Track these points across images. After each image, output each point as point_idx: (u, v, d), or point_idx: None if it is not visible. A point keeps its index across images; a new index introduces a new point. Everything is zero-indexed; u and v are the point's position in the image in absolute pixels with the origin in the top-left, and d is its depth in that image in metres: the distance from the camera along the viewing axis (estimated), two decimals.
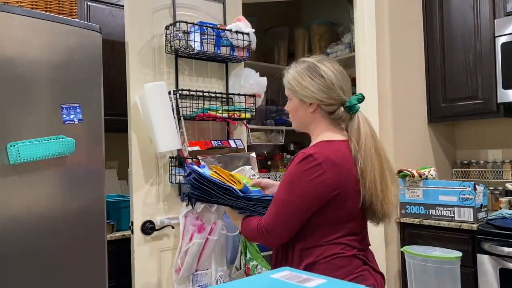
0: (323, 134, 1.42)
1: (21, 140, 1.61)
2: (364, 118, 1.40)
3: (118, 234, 2.20)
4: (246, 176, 2.05)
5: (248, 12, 2.46)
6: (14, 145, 1.59)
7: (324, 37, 3.49)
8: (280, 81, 1.67)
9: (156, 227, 1.96)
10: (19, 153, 1.59)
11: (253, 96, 2.13)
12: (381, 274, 1.46)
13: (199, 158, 1.96)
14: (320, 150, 1.32)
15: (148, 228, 1.94)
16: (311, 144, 1.43)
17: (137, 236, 1.93)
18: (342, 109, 1.40)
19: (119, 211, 2.32)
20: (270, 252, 3.33)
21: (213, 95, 2.08)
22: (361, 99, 1.40)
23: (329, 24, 3.54)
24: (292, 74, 1.49)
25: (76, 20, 1.98)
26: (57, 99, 1.74)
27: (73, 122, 1.78)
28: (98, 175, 1.86)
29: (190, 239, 1.94)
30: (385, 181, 1.35)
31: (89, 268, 1.80)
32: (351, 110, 1.40)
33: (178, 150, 1.99)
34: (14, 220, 1.60)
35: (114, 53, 2.47)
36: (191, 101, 2.01)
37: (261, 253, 2.08)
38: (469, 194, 2.32)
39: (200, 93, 2.03)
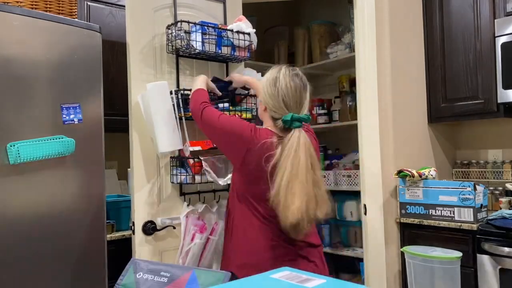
0: (266, 124, 1.69)
1: (21, 140, 1.61)
2: (298, 136, 1.53)
3: (118, 234, 2.20)
4: None
5: (248, 12, 2.46)
6: (14, 145, 1.59)
7: (324, 37, 3.48)
8: None
9: (158, 228, 1.96)
10: (19, 153, 1.59)
11: (254, 96, 2.13)
12: None
13: (202, 158, 1.96)
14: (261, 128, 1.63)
15: (150, 228, 1.94)
16: None
17: (138, 236, 1.92)
18: (280, 121, 1.59)
19: (119, 211, 2.32)
20: None
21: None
22: (300, 118, 1.56)
23: (329, 24, 3.54)
24: (264, 77, 1.69)
25: (76, 20, 1.98)
26: (57, 99, 1.74)
27: (73, 122, 1.78)
28: (98, 175, 1.86)
29: (192, 239, 1.94)
30: (292, 194, 1.47)
31: (89, 268, 1.80)
32: (286, 124, 1.57)
33: (179, 150, 1.99)
34: (14, 220, 1.60)
35: (114, 53, 2.47)
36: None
37: None
38: (469, 194, 2.32)
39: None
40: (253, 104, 2.14)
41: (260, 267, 1.50)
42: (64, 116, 1.75)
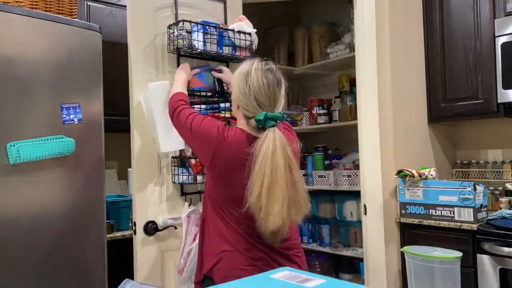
0: (239, 122, 1.60)
1: (21, 140, 1.61)
2: (273, 137, 1.43)
3: (118, 234, 2.20)
4: None
5: (248, 11, 2.45)
6: (14, 145, 1.59)
7: (324, 37, 3.48)
8: None
9: (159, 228, 1.96)
10: (19, 153, 1.59)
11: None
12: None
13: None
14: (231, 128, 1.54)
15: (151, 228, 1.93)
16: None
17: (140, 236, 1.92)
18: (253, 120, 1.50)
19: (119, 211, 2.32)
20: None
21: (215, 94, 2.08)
22: (275, 117, 1.47)
23: (329, 24, 3.53)
24: (236, 71, 1.61)
25: (76, 20, 1.98)
26: (57, 99, 1.74)
27: (73, 122, 1.78)
28: (98, 175, 1.86)
29: (194, 239, 1.94)
30: (271, 199, 1.40)
31: (89, 268, 1.80)
32: (259, 123, 1.48)
33: (181, 150, 1.99)
34: (14, 220, 1.60)
35: (114, 53, 2.47)
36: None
37: None
38: (469, 194, 2.32)
39: (204, 93, 2.02)
40: None
41: (237, 271, 1.45)
42: (64, 116, 1.75)
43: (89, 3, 2.41)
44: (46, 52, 1.72)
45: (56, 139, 1.70)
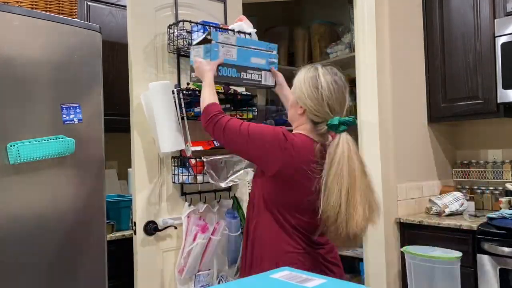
0: (300, 127, 1.58)
1: (21, 140, 1.61)
2: (346, 140, 1.44)
3: (118, 234, 2.20)
4: (247, 179, 2.05)
5: (248, 11, 2.45)
6: (14, 145, 1.59)
7: (324, 37, 3.49)
8: None
9: (159, 228, 1.96)
10: (19, 153, 1.59)
11: (255, 96, 2.13)
12: None
13: (204, 159, 1.95)
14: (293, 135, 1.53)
15: (151, 228, 1.93)
16: None
17: (140, 236, 1.92)
18: (325, 126, 1.50)
19: (119, 211, 2.32)
20: None
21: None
22: (347, 122, 1.46)
23: (329, 24, 3.54)
24: (299, 77, 1.58)
25: (76, 20, 1.98)
26: (57, 99, 1.74)
27: (73, 122, 1.78)
28: (98, 175, 1.85)
29: (194, 239, 1.94)
30: (353, 202, 1.39)
31: (89, 268, 1.80)
32: (332, 128, 1.47)
33: (181, 150, 1.99)
34: (14, 220, 1.60)
35: (114, 53, 2.47)
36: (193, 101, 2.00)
37: None
38: (275, 58, 2.01)
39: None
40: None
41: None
42: (64, 116, 1.75)
43: (89, 3, 2.41)
44: (46, 52, 1.72)
45: (56, 139, 1.70)
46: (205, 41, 1.78)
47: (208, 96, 1.66)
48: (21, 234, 1.62)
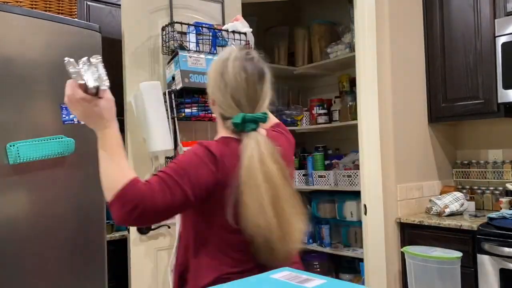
0: (221, 130, 1.27)
1: (20, 140, 1.61)
2: (256, 142, 1.15)
3: (117, 234, 2.20)
4: None
5: (248, 12, 2.46)
6: (13, 145, 1.59)
7: (324, 37, 3.48)
8: (280, 81, 1.71)
9: (152, 227, 1.97)
10: (18, 153, 1.59)
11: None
12: None
13: None
14: (216, 145, 1.18)
15: (144, 227, 1.94)
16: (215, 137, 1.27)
17: (133, 235, 1.93)
18: (230, 122, 1.20)
19: None
20: None
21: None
22: (256, 119, 1.19)
23: (329, 24, 3.53)
24: (214, 59, 1.29)
25: (76, 19, 1.98)
26: (57, 99, 1.74)
27: (72, 122, 1.78)
28: (98, 175, 1.85)
29: None
30: (284, 214, 1.13)
31: (89, 268, 1.80)
32: (238, 127, 1.18)
33: (175, 151, 1.99)
34: (14, 220, 1.60)
35: (113, 53, 2.47)
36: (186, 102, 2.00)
37: None
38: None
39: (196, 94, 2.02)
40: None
41: None
42: (64, 116, 1.75)
43: (89, 2, 2.41)
44: (46, 52, 1.72)
45: (56, 139, 1.70)
46: (174, 56, 1.95)
47: (117, 167, 1.10)
48: (21, 234, 1.62)
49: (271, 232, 1.11)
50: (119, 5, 2.50)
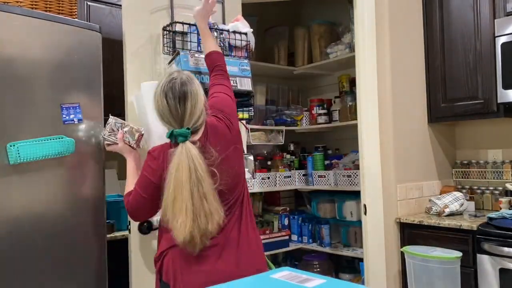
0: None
1: (21, 140, 1.61)
2: (180, 152, 1.49)
3: (118, 234, 2.20)
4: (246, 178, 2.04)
5: (248, 12, 2.46)
6: (13, 145, 1.59)
7: (324, 37, 3.48)
8: (280, 81, 1.76)
9: (153, 227, 1.96)
10: (18, 153, 1.59)
11: (252, 96, 2.13)
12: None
13: None
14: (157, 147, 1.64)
15: (146, 228, 1.94)
16: None
17: (134, 236, 1.92)
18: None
19: (119, 211, 2.32)
20: (272, 252, 3.32)
21: None
22: (181, 134, 1.51)
23: (329, 24, 3.54)
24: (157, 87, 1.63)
25: (76, 20, 1.98)
26: (57, 99, 1.74)
27: (73, 122, 1.78)
28: (98, 175, 1.86)
29: None
30: (174, 212, 1.47)
31: (89, 268, 1.80)
32: (171, 139, 1.55)
33: None
34: (14, 220, 1.60)
35: (114, 53, 2.47)
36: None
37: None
38: (246, 66, 2.10)
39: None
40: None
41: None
42: (64, 116, 1.75)
43: (89, 3, 2.41)
44: (46, 52, 1.72)
45: (56, 139, 1.70)
46: (175, 56, 1.92)
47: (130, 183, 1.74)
48: (21, 234, 1.62)
49: (168, 221, 1.48)
50: (119, 5, 2.50)
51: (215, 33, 2.04)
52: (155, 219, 1.97)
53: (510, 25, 2.42)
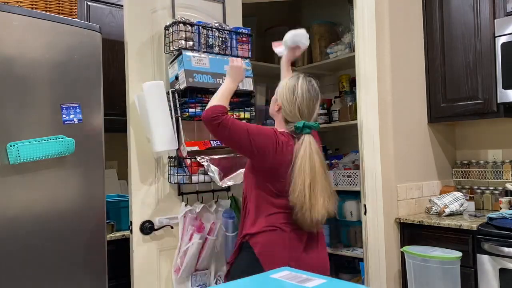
0: (280, 124, 1.85)
1: (21, 140, 1.61)
2: (309, 142, 1.73)
3: (118, 234, 2.20)
4: None
5: (248, 12, 2.46)
6: (14, 145, 1.59)
7: (324, 37, 3.48)
8: (279, 81, 1.83)
9: (155, 227, 1.96)
10: (19, 153, 1.59)
11: (253, 96, 2.13)
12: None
13: (198, 158, 1.96)
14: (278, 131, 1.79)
15: (147, 228, 1.94)
16: None
17: (136, 236, 1.93)
18: (292, 125, 1.78)
19: (119, 211, 2.32)
20: None
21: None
22: (311, 126, 1.76)
23: (329, 24, 3.53)
24: (282, 82, 1.88)
25: (76, 20, 1.98)
26: (57, 99, 1.74)
27: (73, 122, 1.78)
28: (98, 175, 1.86)
29: (190, 239, 1.94)
30: (314, 193, 1.69)
31: (89, 268, 1.80)
32: (298, 129, 1.76)
33: (177, 150, 1.99)
34: (14, 220, 1.60)
35: (114, 53, 2.47)
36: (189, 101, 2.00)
37: None
38: (248, 66, 2.14)
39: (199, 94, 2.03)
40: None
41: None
42: (64, 116, 1.75)
43: (89, 3, 2.41)
44: (46, 52, 1.72)
45: (56, 139, 1.70)
46: (178, 55, 1.96)
47: (221, 97, 1.79)
48: (21, 234, 1.62)
49: (305, 203, 1.67)
50: (120, 5, 2.50)
51: (217, 33, 2.04)
52: (157, 219, 1.97)
53: (510, 25, 2.42)
